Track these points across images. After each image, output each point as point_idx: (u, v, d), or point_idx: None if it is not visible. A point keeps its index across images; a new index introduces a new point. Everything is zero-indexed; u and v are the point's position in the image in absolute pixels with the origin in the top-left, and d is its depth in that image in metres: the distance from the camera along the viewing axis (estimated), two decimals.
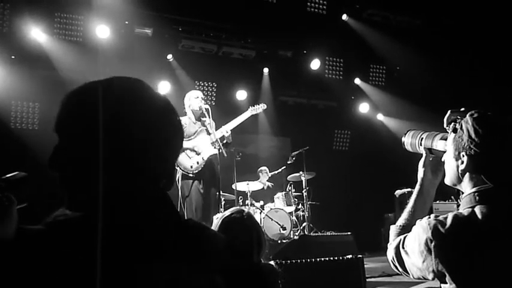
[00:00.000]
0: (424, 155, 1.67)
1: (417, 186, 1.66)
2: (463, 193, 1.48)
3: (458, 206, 8.27)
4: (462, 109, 1.55)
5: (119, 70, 8.19)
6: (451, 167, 1.50)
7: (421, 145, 1.69)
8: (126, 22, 8.08)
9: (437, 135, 1.65)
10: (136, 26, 8.14)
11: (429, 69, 9.23)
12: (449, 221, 1.34)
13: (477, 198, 1.39)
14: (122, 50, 7.93)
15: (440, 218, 1.37)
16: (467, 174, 1.44)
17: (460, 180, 1.47)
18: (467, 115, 1.45)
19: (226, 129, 5.52)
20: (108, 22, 7.79)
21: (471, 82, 8.91)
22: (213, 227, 2.29)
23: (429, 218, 1.39)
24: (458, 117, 1.55)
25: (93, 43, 7.79)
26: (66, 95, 1.03)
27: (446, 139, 1.56)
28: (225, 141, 5.48)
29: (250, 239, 2.20)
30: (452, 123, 1.50)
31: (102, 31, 7.77)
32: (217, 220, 2.32)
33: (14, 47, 7.52)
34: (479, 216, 1.33)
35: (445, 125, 1.68)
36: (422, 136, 1.71)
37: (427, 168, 1.66)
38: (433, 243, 1.33)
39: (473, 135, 1.40)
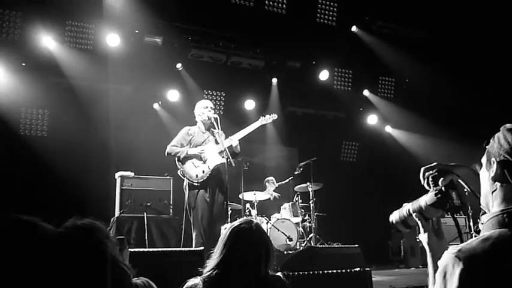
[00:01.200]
0: (419, 222, 1.59)
1: (428, 255, 1.56)
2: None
3: (468, 219, 8.20)
4: (434, 163, 1.52)
5: (128, 78, 8.26)
6: (484, 181, 1.40)
7: (410, 214, 1.61)
8: (136, 31, 8.13)
9: (421, 197, 1.60)
10: (146, 35, 8.19)
11: (438, 81, 9.19)
12: (479, 248, 1.19)
13: (506, 219, 1.26)
14: (131, 59, 7.98)
15: (465, 246, 1.21)
16: (497, 185, 1.33)
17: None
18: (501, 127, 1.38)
19: (232, 139, 5.51)
20: (118, 30, 7.84)
21: (480, 94, 8.86)
22: (221, 237, 2.27)
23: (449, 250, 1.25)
24: (432, 171, 1.54)
25: (103, 51, 7.84)
26: None
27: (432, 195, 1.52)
28: (233, 151, 5.47)
29: (258, 250, 2.17)
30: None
31: (112, 39, 7.83)
32: (225, 230, 2.30)
33: (25, 55, 7.59)
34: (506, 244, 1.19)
35: (422, 182, 1.65)
36: (407, 206, 1.63)
37: (429, 233, 1.58)
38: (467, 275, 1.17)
39: (502, 141, 1.32)
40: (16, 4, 7.33)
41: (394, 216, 1.67)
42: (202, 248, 4.31)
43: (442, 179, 1.64)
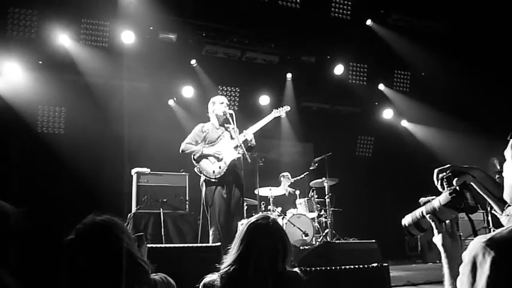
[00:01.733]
0: (433, 224, 1.57)
1: (442, 256, 1.54)
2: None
3: (487, 214, 8.10)
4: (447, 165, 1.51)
5: (143, 75, 8.30)
6: (509, 173, 1.36)
7: (423, 216, 1.59)
8: (151, 28, 8.16)
9: (435, 198, 1.58)
10: (161, 32, 8.21)
11: (454, 75, 9.08)
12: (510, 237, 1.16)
13: None
14: (146, 55, 8.02)
15: (495, 236, 1.18)
16: None
17: None
18: None
19: (247, 133, 5.51)
20: (133, 28, 7.87)
21: (497, 88, 8.74)
22: (238, 233, 2.27)
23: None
24: (445, 173, 1.52)
25: (119, 48, 7.88)
26: None
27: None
28: (248, 145, 5.47)
29: (276, 246, 2.17)
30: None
31: (127, 37, 7.86)
32: (242, 226, 2.30)
33: (42, 53, 7.65)
34: None
35: (436, 183, 1.63)
36: (420, 209, 1.62)
37: (443, 234, 1.56)
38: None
39: None
40: (32, 3, 7.39)
41: (407, 220, 1.66)
42: (219, 243, 4.33)
43: (456, 179, 1.63)
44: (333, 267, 4.04)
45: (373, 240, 6.04)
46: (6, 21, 7.35)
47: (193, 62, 8.62)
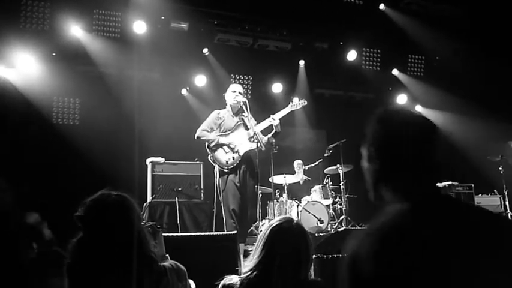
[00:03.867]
0: None
1: None
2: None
3: (503, 199, 8.03)
4: None
5: (156, 65, 8.31)
6: None
7: None
8: (163, 17, 8.14)
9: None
10: (173, 21, 8.19)
11: (470, 59, 8.94)
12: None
13: None
14: (158, 45, 8.02)
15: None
16: None
17: None
18: None
19: (274, 117, 5.49)
20: (144, 17, 7.86)
21: None
22: (260, 235, 2.19)
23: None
24: None
25: (131, 38, 7.88)
26: None
27: None
28: (274, 131, 5.46)
29: (299, 254, 2.09)
30: None
31: (139, 26, 7.86)
32: (264, 228, 2.22)
33: (55, 45, 7.70)
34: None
35: None
36: None
37: None
38: None
39: None
40: None
41: None
42: (235, 232, 4.35)
43: None
44: None
45: None
46: (19, 13, 7.40)
47: (205, 50, 8.59)
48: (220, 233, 4.70)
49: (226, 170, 5.35)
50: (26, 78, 7.58)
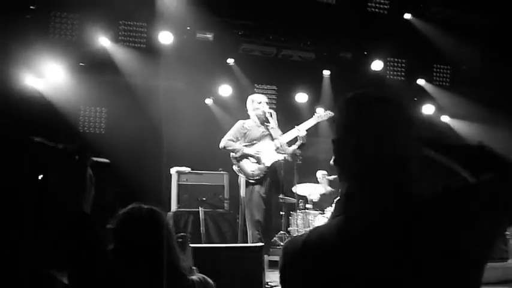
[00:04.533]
0: None
1: None
2: None
3: None
4: None
5: (181, 75, 8.39)
6: None
7: None
8: (188, 28, 8.22)
9: None
10: (198, 31, 8.26)
11: (497, 68, 8.79)
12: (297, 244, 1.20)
13: None
14: (184, 55, 8.09)
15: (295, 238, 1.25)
16: None
17: None
18: None
19: (299, 128, 5.47)
20: (170, 28, 7.95)
21: None
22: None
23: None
24: None
25: (157, 49, 7.98)
26: None
27: None
28: (300, 142, 5.44)
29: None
30: None
31: (165, 37, 7.94)
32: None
33: (82, 55, 7.84)
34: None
35: None
36: None
37: None
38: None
39: None
40: (74, 7, 7.57)
41: None
42: (261, 244, 4.34)
43: None
44: None
45: None
46: (49, 24, 7.57)
47: (230, 60, 8.64)
48: (247, 244, 4.69)
49: (252, 181, 5.34)
50: (54, 88, 7.73)
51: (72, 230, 0.96)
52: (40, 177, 0.97)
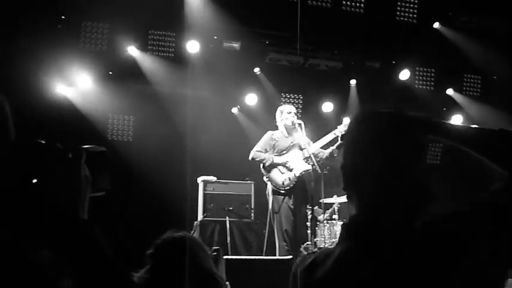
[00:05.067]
0: None
1: None
2: None
3: None
4: None
5: (207, 84, 8.43)
6: None
7: None
8: (215, 37, 8.27)
9: None
10: (225, 41, 8.30)
11: None
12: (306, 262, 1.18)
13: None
14: (210, 64, 8.13)
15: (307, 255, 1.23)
16: None
17: None
18: None
19: (341, 130, 5.44)
20: (198, 37, 8.01)
21: None
22: None
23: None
24: None
25: (184, 58, 8.04)
26: None
27: None
28: (339, 142, 5.41)
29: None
30: None
31: (192, 46, 8.01)
32: None
33: (111, 64, 7.95)
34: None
35: None
36: None
37: None
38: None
39: None
40: (104, 17, 7.69)
41: None
42: (290, 257, 4.29)
43: None
44: None
45: None
46: (80, 34, 7.70)
47: (256, 70, 8.65)
48: (277, 257, 4.64)
49: (281, 191, 5.31)
50: (83, 96, 7.86)
51: (69, 239, 0.92)
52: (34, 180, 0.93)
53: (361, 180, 1.19)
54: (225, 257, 3.52)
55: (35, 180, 0.89)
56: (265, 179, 5.49)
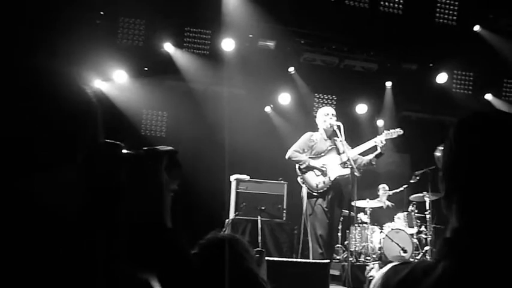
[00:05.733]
0: None
1: None
2: None
3: None
4: None
5: (241, 82, 8.43)
6: None
7: None
8: (251, 35, 8.25)
9: None
10: (260, 39, 8.27)
11: None
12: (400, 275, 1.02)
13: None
14: (245, 62, 8.12)
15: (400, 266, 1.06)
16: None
17: None
18: None
19: (381, 140, 5.37)
20: (233, 36, 8.01)
21: None
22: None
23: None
24: None
25: (219, 56, 8.05)
26: None
27: None
28: (378, 152, 5.35)
29: None
30: None
31: (227, 44, 8.01)
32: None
33: (147, 60, 8.03)
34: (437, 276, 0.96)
35: None
36: None
37: None
38: None
39: None
40: (141, 13, 7.77)
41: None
42: (328, 261, 4.25)
43: None
44: None
45: None
46: (117, 30, 7.80)
47: (291, 69, 8.59)
48: (313, 260, 4.60)
49: (315, 194, 5.26)
50: (119, 91, 7.95)
51: (157, 250, 0.89)
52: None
53: (474, 190, 1.05)
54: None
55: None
56: (299, 179, 5.44)
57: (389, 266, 1.12)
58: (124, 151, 0.93)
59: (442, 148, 1.17)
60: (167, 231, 0.92)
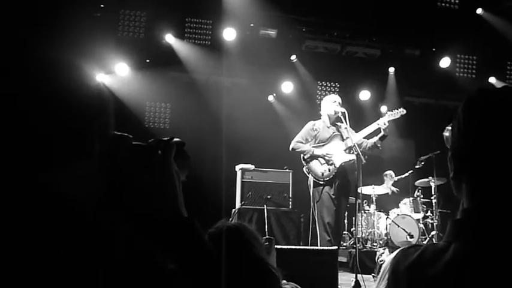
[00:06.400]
0: None
1: None
2: None
3: None
4: None
5: (243, 71, 8.40)
6: None
7: None
8: (252, 24, 8.21)
9: None
10: (261, 28, 8.23)
11: None
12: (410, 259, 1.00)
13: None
14: (247, 52, 8.09)
15: (410, 250, 1.04)
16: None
17: None
18: None
19: (384, 122, 5.33)
20: (234, 25, 7.97)
21: None
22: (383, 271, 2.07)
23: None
24: None
25: (221, 45, 8.02)
26: None
27: None
28: (381, 134, 5.32)
29: None
30: None
31: (228, 34, 7.97)
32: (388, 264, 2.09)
33: (149, 52, 8.01)
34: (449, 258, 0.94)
35: None
36: None
37: None
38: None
39: None
40: (141, 5, 7.73)
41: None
42: (336, 247, 4.26)
43: None
44: None
45: None
46: (118, 22, 7.77)
47: (293, 57, 8.55)
48: (321, 247, 4.62)
49: (321, 182, 5.26)
50: (122, 84, 7.94)
51: (177, 241, 0.89)
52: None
53: (484, 169, 1.02)
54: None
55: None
56: (305, 169, 5.44)
57: (399, 249, 1.11)
58: (133, 143, 0.93)
59: (451, 128, 1.14)
60: (186, 221, 0.92)
